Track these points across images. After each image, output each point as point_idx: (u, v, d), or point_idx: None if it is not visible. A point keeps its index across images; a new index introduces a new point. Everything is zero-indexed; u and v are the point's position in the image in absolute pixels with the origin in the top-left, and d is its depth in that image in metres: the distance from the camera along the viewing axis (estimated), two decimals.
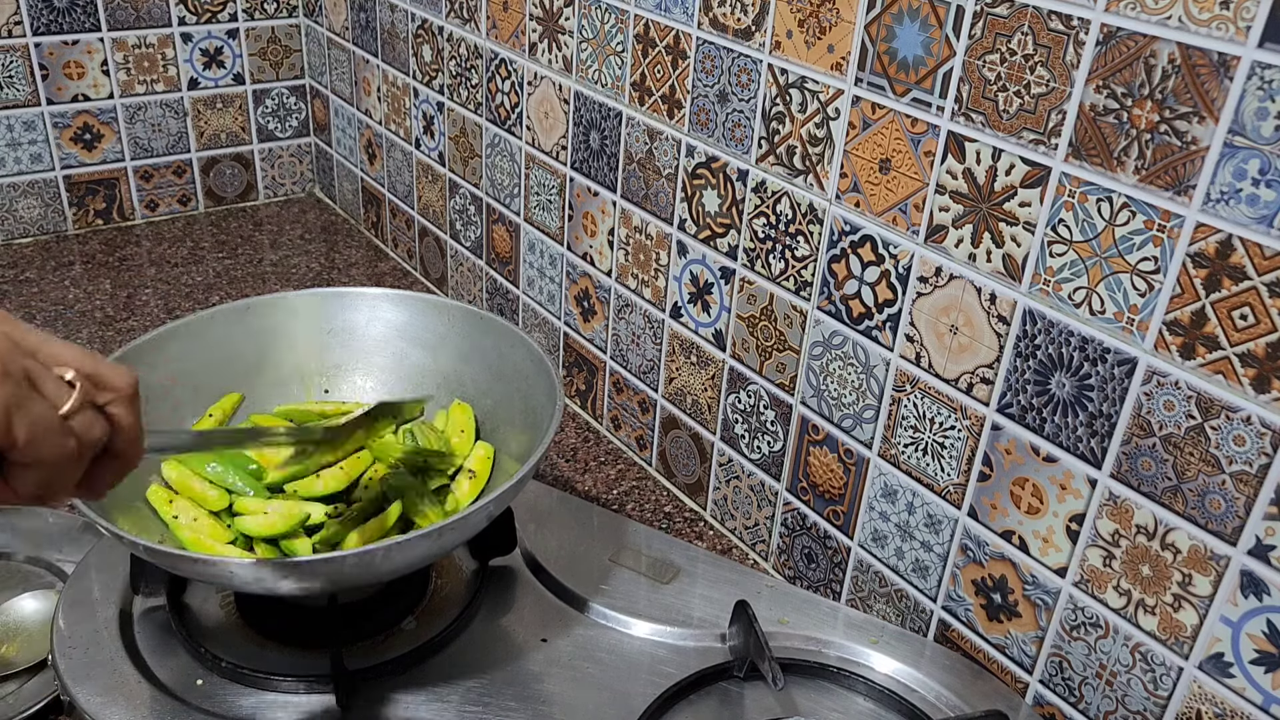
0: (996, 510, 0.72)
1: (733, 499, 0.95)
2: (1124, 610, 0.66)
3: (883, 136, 0.72)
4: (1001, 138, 0.65)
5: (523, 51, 1.05)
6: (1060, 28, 0.60)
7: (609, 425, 1.09)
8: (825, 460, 0.84)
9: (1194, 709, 0.64)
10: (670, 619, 0.79)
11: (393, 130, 1.34)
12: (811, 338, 0.82)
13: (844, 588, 0.86)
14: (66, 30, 1.35)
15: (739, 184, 0.84)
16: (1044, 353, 0.66)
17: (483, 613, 0.79)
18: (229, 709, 0.70)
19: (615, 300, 1.02)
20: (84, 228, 1.46)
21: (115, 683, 0.70)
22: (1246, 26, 0.53)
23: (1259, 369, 0.56)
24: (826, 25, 0.73)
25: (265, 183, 1.58)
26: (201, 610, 0.77)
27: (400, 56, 1.27)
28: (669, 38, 0.87)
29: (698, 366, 0.94)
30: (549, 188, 1.07)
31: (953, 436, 0.73)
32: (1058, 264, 0.64)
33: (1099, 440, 0.64)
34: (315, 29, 1.48)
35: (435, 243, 1.32)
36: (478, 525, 0.72)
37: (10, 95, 1.34)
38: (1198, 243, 0.57)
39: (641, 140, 0.93)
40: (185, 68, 1.45)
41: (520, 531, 0.83)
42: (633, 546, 0.87)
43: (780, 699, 0.73)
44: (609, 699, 0.72)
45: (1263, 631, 0.59)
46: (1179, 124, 0.56)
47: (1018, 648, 0.74)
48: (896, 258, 0.74)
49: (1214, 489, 0.59)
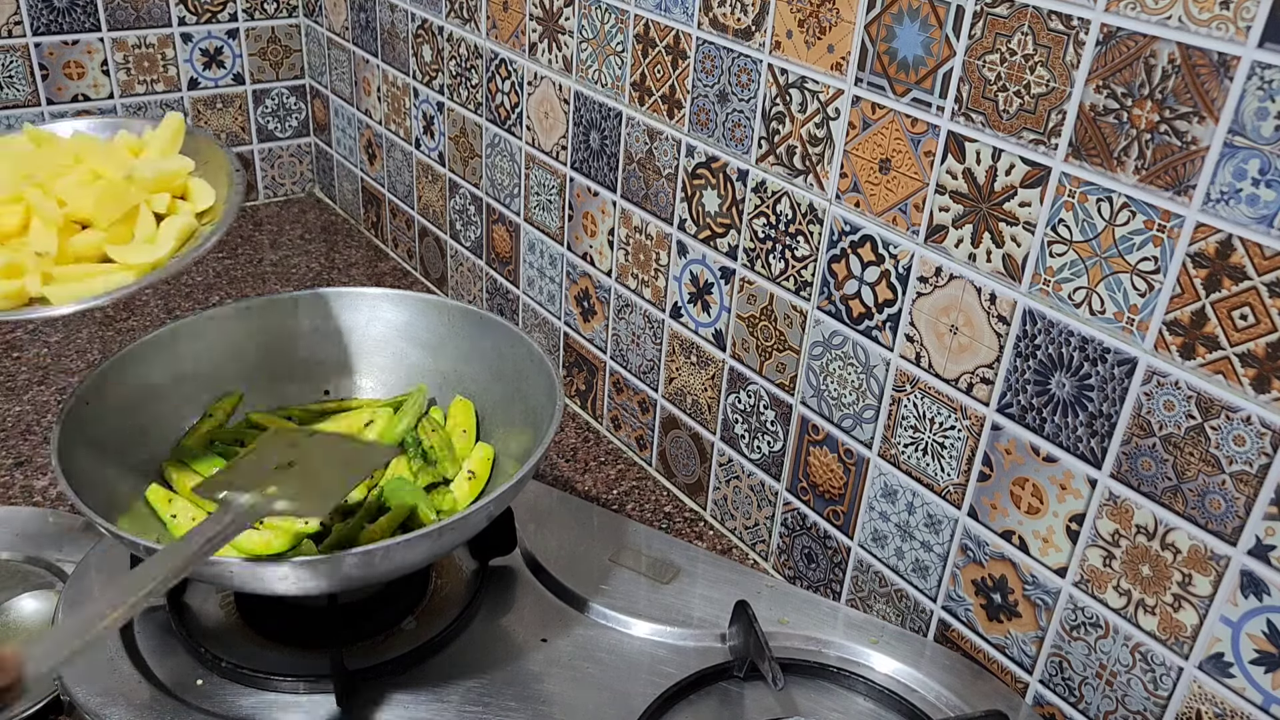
0: (996, 510, 0.72)
1: (733, 499, 0.95)
2: (1124, 610, 0.66)
3: (883, 136, 0.72)
4: (1001, 138, 0.65)
5: (523, 51, 1.05)
6: (1060, 28, 0.60)
7: (609, 425, 1.09)
8: (825, 460, 0.84)
9: (1194, 709, 0.64)
10: (670, 619, 0.79)
11: (393, 130, 1.34)
12: (811, 338, 0.82)
13: (844, 588, 0.86)
14: (66, 30, 1.35)
15: (739, 184, 0.84)
16: (1044, 353, 0.66)
17: (483, 613, 0.79)
18: (229, 709, 0.70)
19: (615, 300, 1.02)
20: None
21: (115, 683, 0.70)
22: (1246, 26, 0.53)
23: (1259, 369, 0.56)
24: (826, 25, 0.73)
25: (265, 183, 1.58)
26: (201, 610, 0.77)
27: (400, 56, 1.27)
28: (669, 38, 0.87)
29: (698, 366, 0.94)
30: (549, 188, 1.07)
31: (953, 436, 0.73)
32: (1058, 264, 0.64)
33: (1099, 440, 0.64)
34: (315, 29, 1.48)
35: (435, 243, 1.32)
36: (477, 525, 0.72)
37: (10, 95, 1.34)
38: (1198, 243, 0.57)
39: (641, 140, 0.93)
40: (185, 68, 1.45)
41: (520, 531, 0.83)
42: (633, 546, 0.87)
43: (780, 699, 0.73)
44: (609, 699, 0.72)
45: (1263, 631, 0.59)
46: (1179, 124, 0.56)
47: (1018, 648, 0.74)
48: (896, 258, 0.74)
49: (1214, 489, 0.59)
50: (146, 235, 0.72)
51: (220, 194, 0.76)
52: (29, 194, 0.70)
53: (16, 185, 0.71)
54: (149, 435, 0.81)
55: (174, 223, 0.73)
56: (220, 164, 0.78)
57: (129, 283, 0.68)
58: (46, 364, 1.15)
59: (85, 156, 0.75)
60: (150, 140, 0.79)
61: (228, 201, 0.75)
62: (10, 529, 0.88)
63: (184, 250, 0.71)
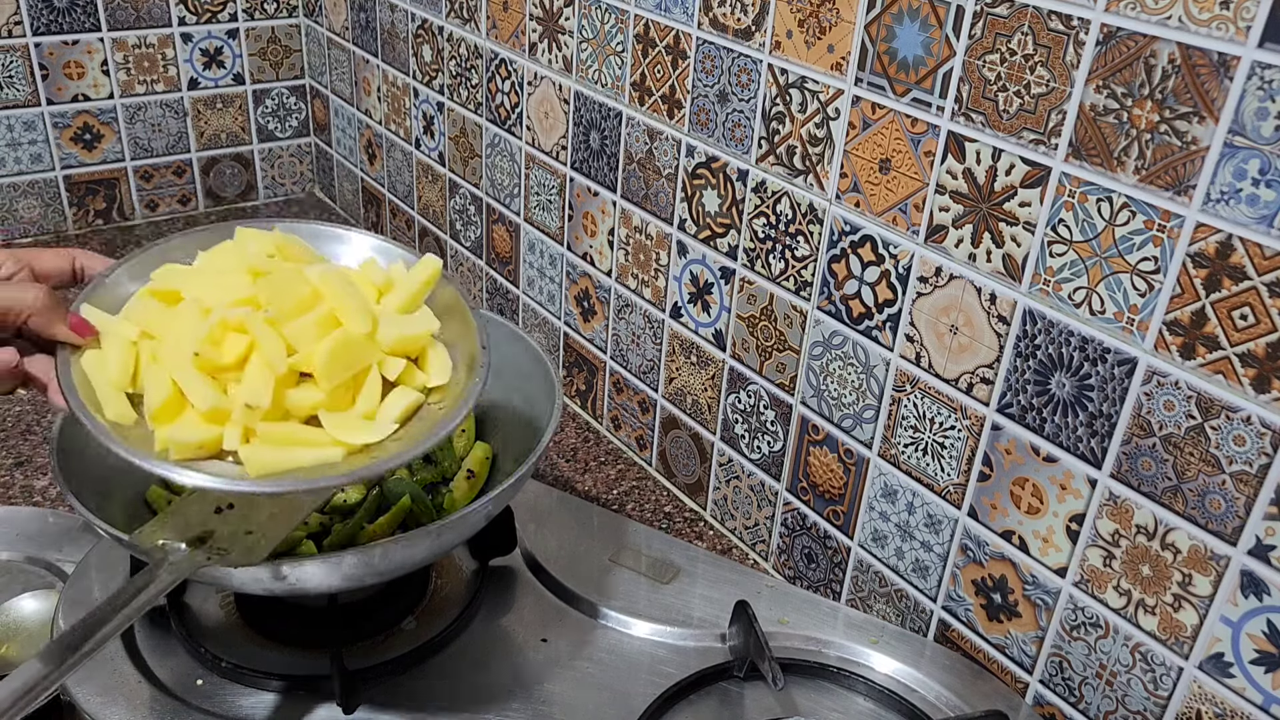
0: (996, 510, 0.72)
1: (733, 499, 0.95)
2: (1124, 610, 0.66)
3: (883, 136, 0.72)
4: (1001, 138, 0.65)
5: (523, 51, 1.05)
6: (1060, 28, 0.60)
7: (609, 425, 1.09)
8: (825, 460, 0.84)
9: (1194, 709, 0.64)
10: (670, 619, 0.79)
11: (393, 130, 1.34)
12: (811, 338, 0.82)
13: (844, 588, 0.86)
14: (66, 30, 1.35)
15: (739, 184, 0.84)
16: (1044, 353, 0.66)
17: (483, 613, 0.79)
18: (229, 709, 0.70)
19: (615, 300, 1.02)
20: (84, 228, 1.46)
21: (115, 683, 0.70)
22: (1246, 26, 0.53)
23: (1259, 369, 0.56)
24: (826, 25, 0.73)
25: (265, 183, 1.58)
26: (201, 610, 0.77)
27: (400, 56, 1.27)
28: (669, 38, 0.87)
29: (698, 366, 0.94)
30: (549, 188, 1.07)
31: (953, 436, 0.73)
32: (1058, 264, 0.64)
33: (1099, 440, 0.64)
34: (315, 29, 1.48)
35: (435, 243, 1.32)
36: (477, 525, 0.72)
37: (10, 95, 1.34)
38: (1198, 243, 0.57)
39: (641, 140, 0.93)
40: (185, 68, 1.45)
41: (520, 531, 0.83)
42: (633, 546, 0.87)
43: (780, 699, 0.73)
44: (609, 699, 0.72)
45: (1263, 631, 0.59)
46: (1179, 124, 0.56)
47: (1018, 648, 0.74)
48: (896, 258, 0.74)
49: (1214, 489, 0.59)
50: (367, 409, 0.60)
51: (460, 370, 0.63)
52: (256, 327, 0.59)
53: (244, 307, 0.60)
54: None
55: (401, 399, 0.61)
56: (466, 329, 0.66)
57: (337, 473, 0.57)
58: None
59: (328, 294, 0.62)
60: (397, 280, 0.66)
61: (468, 385, 0.62)
62: (10, 529, 0.88)
63: (409, 440, 0.59)
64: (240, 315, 0.59)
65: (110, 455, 0.56)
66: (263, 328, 0.59)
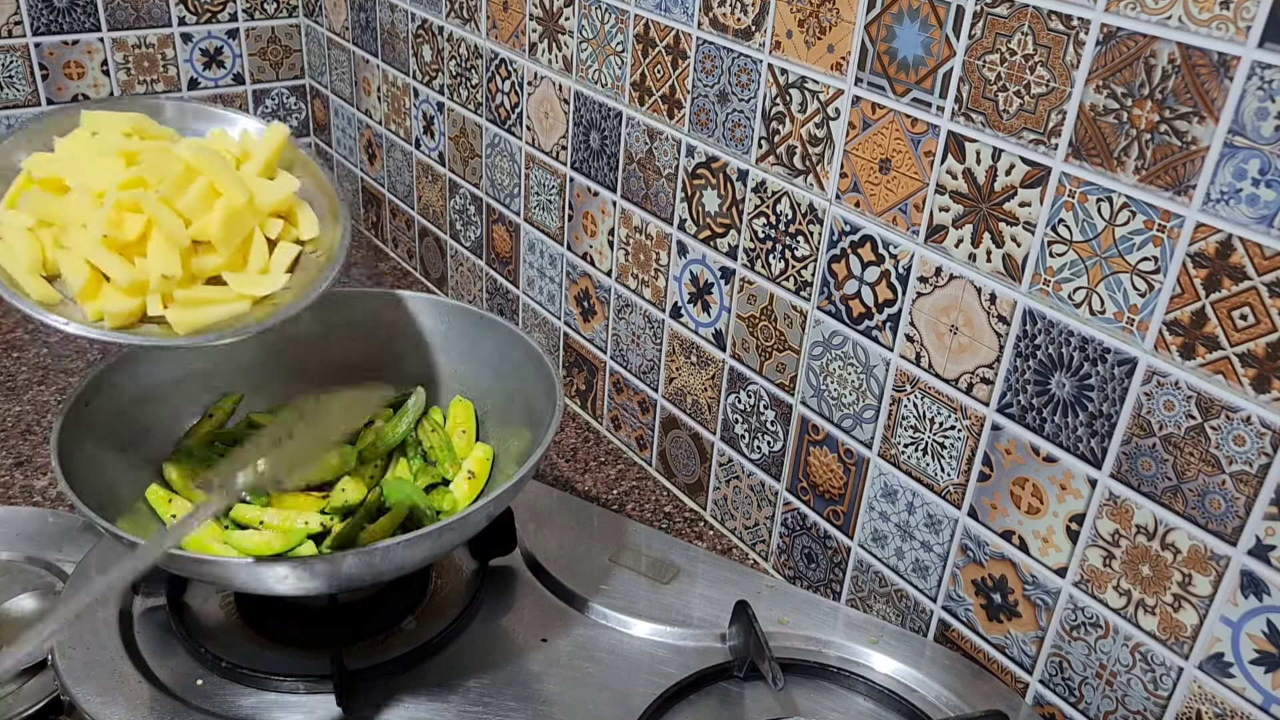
0: (996, 510, 0.72)
1: (733, 499, 0.95)
2: (1124, 610, 0.66)
3: (883, 136, 0.72)
4: (1001, 138, 0.65)
5: (523, 51, 1.05)
6: (1060, 28, 0.60)
7: (609, 425, 1.09)
8: (825, 460, 0.84)
9: (1194, 709, 0.64)
10: (670, 619, 0.79)
11: (393, 130, 1.34)
12: (811, 338, 0.82)
13: (844, 588, 0.86)
14: (66, 30, 1.35)
15: (739, 184, 0.84)
16: (1044, 353, 0.66)
17: (483, 613, 0.79)
18: (229, 709, 0.70)
19: (615, 300, 1.02)
20: None
21: (115, 683, 0.70)
22: (1246, 26, 0.53)
23: (1259, 369, 0.56)
24: (826, 25, 0.73)
25: None
26: (201, 610, 0.77)
27: (400, 56, 1.27)
28: (669, 38, 0.87)
29: (698, 366, 0.94)
30: (549, 188, 1.07)
31: (953, 436, 0.73)
32: (1058, 264, 0.64)
33: (1099, 440, 0.64)
34: (315, 29, 1.48)
35: (435, 243, 1.32)
36: (477, 525, 0.72)
37: (10, 95, 1.34)
38: (1198, 243, 0.57)
39: (641, 140, 0.93)
40: (185, 68, 1.45)
41: (520, 531, 0.83)
42: (633, 546, 0.87)
43: (780, 699, 0.73)
44: (609, 699, 0.72)
45: (1263, 631, 0.59)
46: (1179, 124, 0.56)
47: (1018, 648, 0.74)
48: (896, 258, 0.74)
49: (1214, 489, 0.59)
50: (260, 265, 0.69)
51: (326, 221, 0.73)
52: (151, 206, 0.66)
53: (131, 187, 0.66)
54: (149, 435, 0.81)
55: (285, 253, 0.70)
56: (319, 184, 0.75)
57: (252, 322, 0.66)
58: (46, 364, 1.15)
59: (202, 168, 0.69)
60: (251, 148, 0.74)
61: (342, 229, 0.72)
62: (10, 529, 0.88)
63: (305, 287, 0.69)
64: (134, 196, 0.66)
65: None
66: (158, 206, 0.66)
